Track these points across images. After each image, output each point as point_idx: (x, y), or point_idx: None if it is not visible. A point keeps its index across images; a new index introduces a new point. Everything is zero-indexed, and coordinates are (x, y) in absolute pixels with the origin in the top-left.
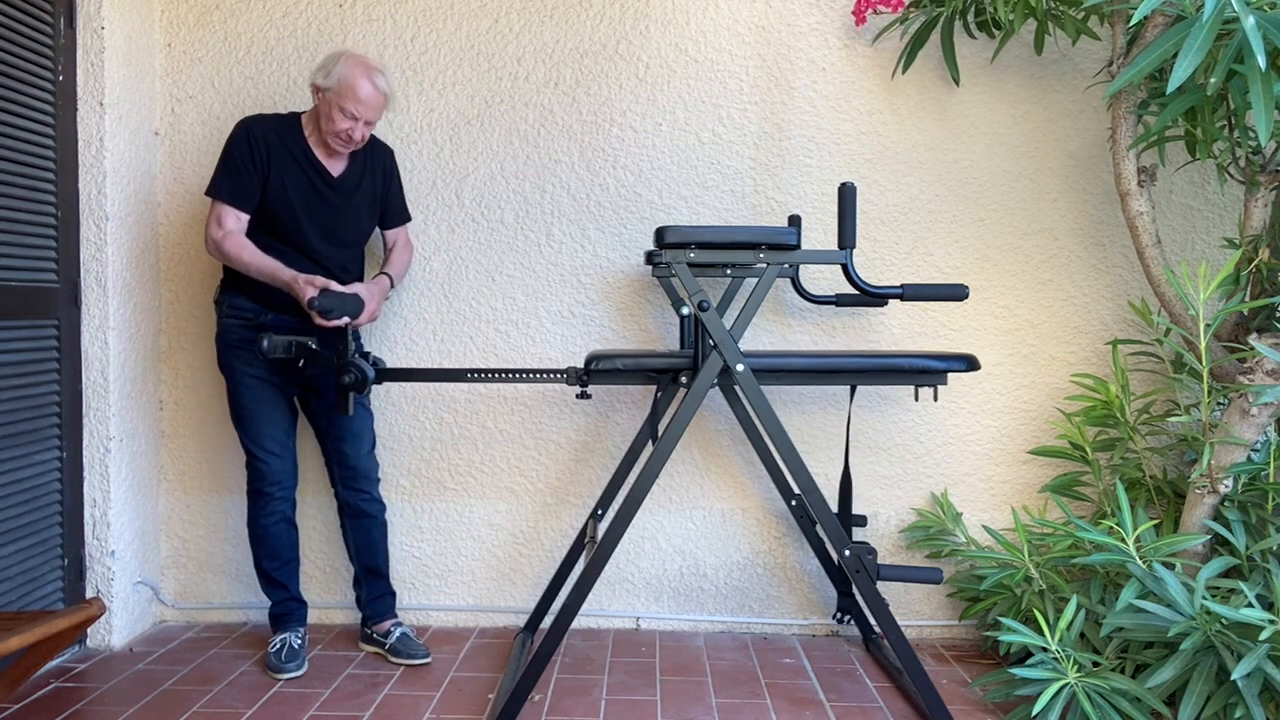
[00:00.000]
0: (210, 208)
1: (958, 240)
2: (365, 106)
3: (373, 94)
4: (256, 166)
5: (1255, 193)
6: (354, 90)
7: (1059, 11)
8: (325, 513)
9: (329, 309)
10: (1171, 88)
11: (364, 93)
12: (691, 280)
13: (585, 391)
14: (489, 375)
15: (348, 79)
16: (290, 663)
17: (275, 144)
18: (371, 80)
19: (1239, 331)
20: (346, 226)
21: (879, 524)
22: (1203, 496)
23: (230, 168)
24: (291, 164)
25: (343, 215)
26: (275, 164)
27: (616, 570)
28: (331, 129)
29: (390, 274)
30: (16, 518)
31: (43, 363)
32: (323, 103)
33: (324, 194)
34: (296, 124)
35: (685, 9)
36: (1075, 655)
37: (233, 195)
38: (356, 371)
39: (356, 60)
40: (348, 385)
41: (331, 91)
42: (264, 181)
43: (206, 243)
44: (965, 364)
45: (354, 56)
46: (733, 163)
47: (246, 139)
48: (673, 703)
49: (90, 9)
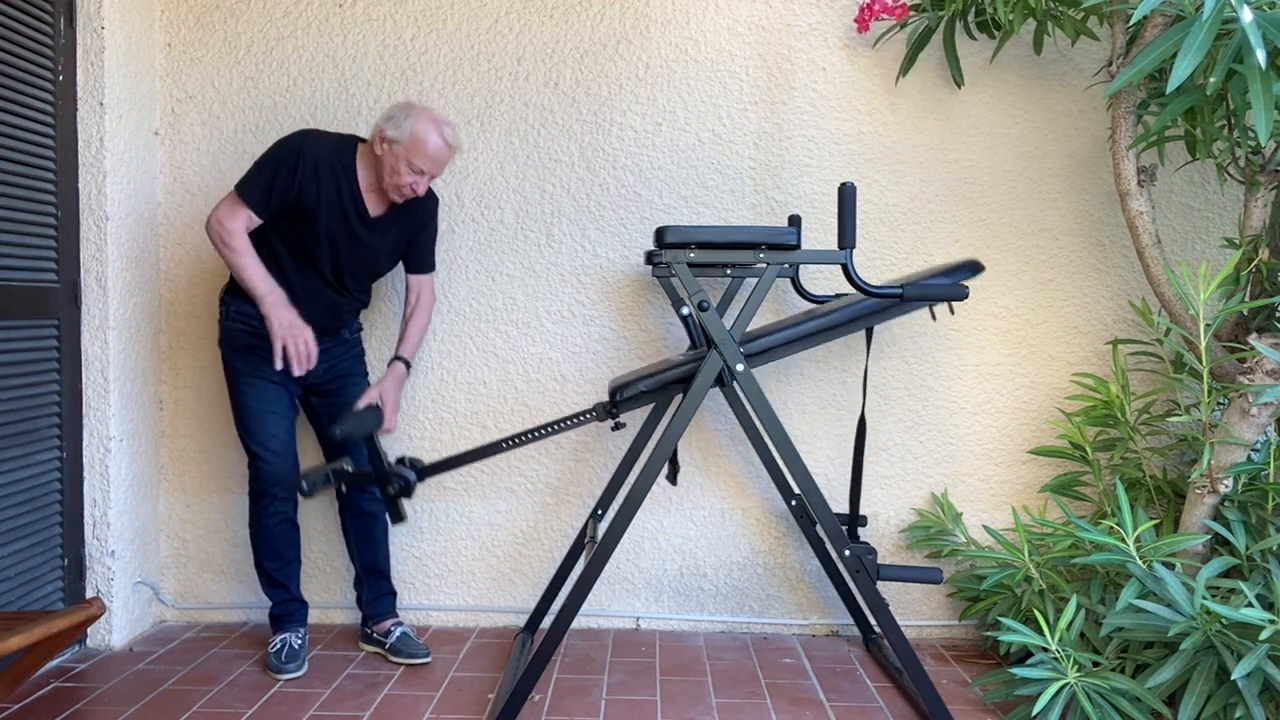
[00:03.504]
0: (229, 196)
1: (958, 240)
2: (433, 162)
3: (442, 149)
4: (295, 186)
5: (1255, 192)
6: (424, 146)
7: (1058, 12)
8: (325, 513)
9: (350, 434)
10: (1171, 88)
11: (433, 147)
12: (691, 280)
13: (619, 423)
14: (523, 438)
15: (419, 134)
16: (290, 663)
17: (324, 169)
18: (442, 135)
19: (1239, 331)
20: (365, 264)
21: (879, 524)
22: (1203, 496)
23: (269, 175)
24: (333, 192)
25: (366, 253)
26: (317, 187)
27: (616, 570)
28: (395, 182)
29: (405, 358)
30: (16, 518)
31: (43, 363)
32: (389, 154)
33: (355, 230)
34: (351, 153)
35: (685, 9)
36: (1075, 655)
37: (258, 202)
38: (399, 480)
39: (427, 115)
40: (395, 495)
41: (400, 145)
42: (297, 200)
43: (209, 224)
44: (970, 270)
45: (424, 111)
46: (733, 163)
47: (297, 157)
48: (673, 703)
49: (90, 9)
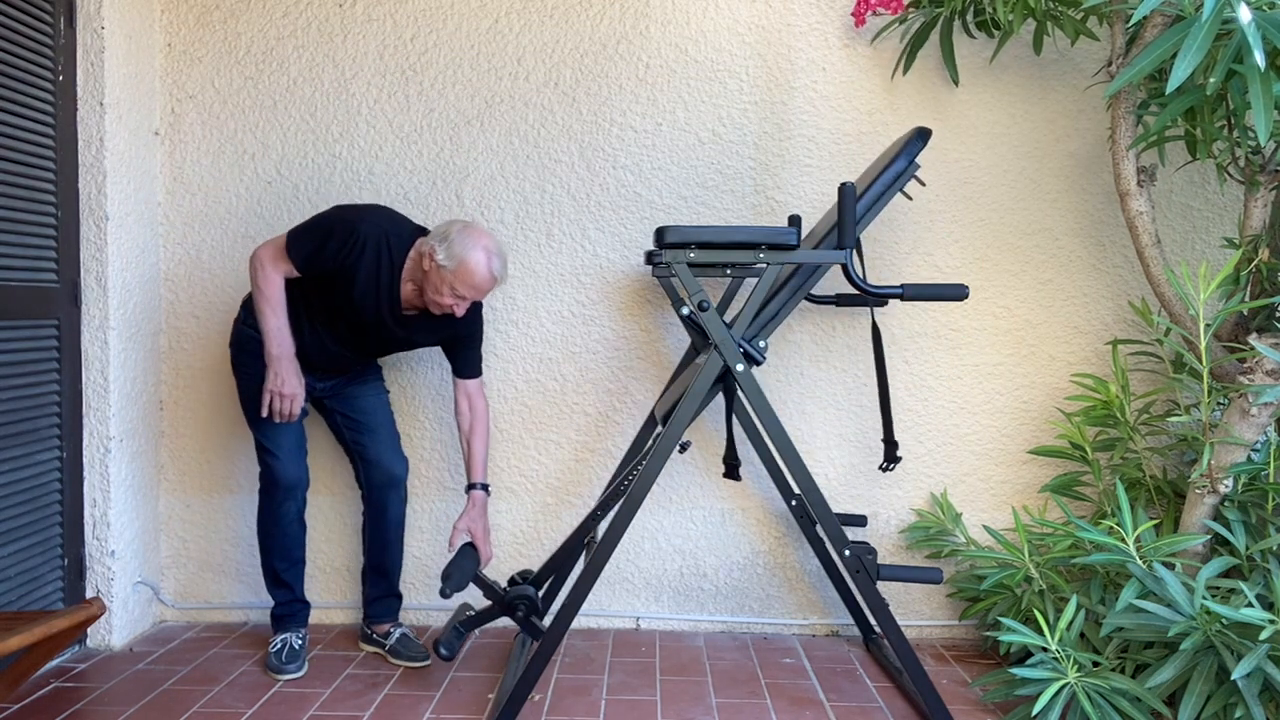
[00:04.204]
0: (282, 242)
1: (958, 240)
2: (477, 290)
3: (487, 281)
4: (338, 262)
5: (1255, 192)
6: (472, 277)
7: (1058, 12)
8: (326, 513)
9: (460, 588)
10: (1171, 88)
11: (479, 279)
12: (691, 280)
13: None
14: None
15: (469, 264)
16: (291, 664)
17: (371, 253)
18: (490, 268)
19: (1239, 331)
20: (387, 346)
21: (879, 524)
22: (1203, 496)
23: (319, 240)
24: (373, 280)
25: (390, 340)
26: (359, 268)
27: (616, 570)
28: (436, 299)
29: (482, 483)
30: (16, 518)
31: (43, 363)
32: (434, 273)
33: (384, 319)
34: (406, 247)
35: (685, 9)
36: (1075, 655)
37: (303, 260)
38: (523, 601)
39: (480, 243)
40: (526, 616)
41: (448, 271)
42: (338, 270)
43: (254, 258)
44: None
45: (478, 237)
46: (733, 163)
47: (349, 235)
48: (673, 703)
49: (90, 9)
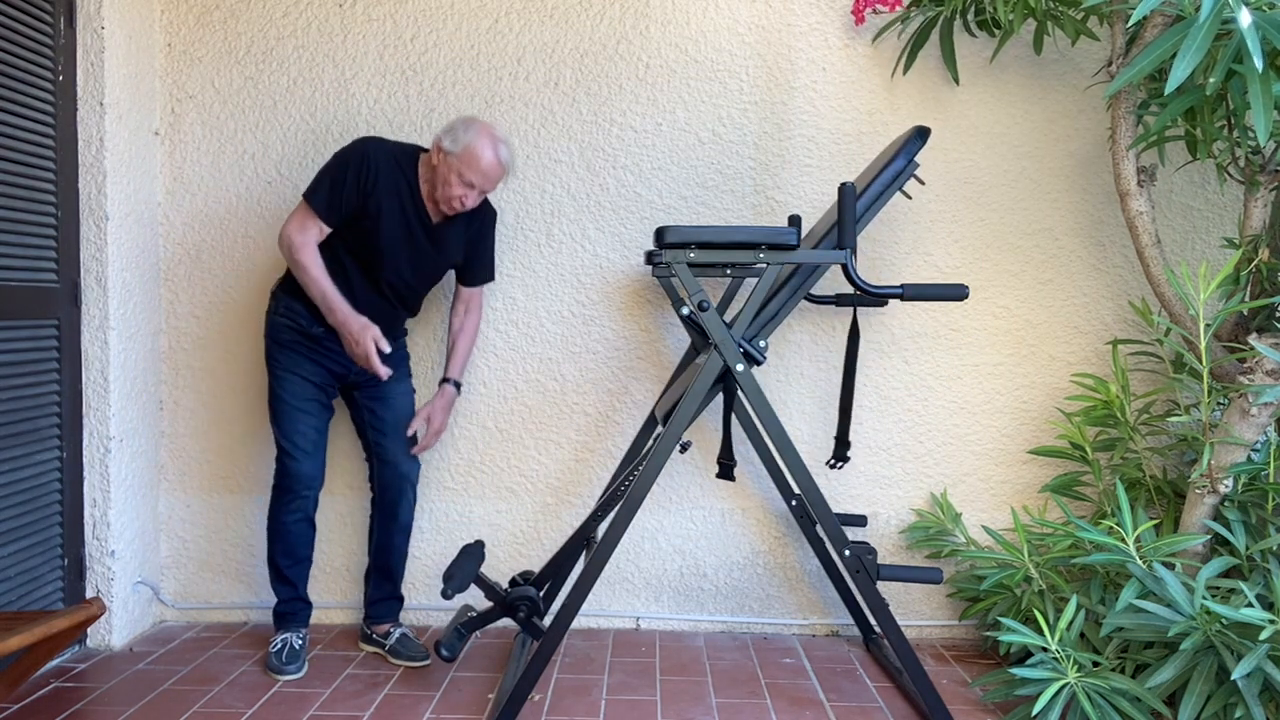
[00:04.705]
0: (300, 206)
1: (958, 240)
2: (484, 177)
3: (494, 165)
4: (360, 191)
5: (1255, 192)
6: (477, 160)
7: (1058, 12)
8: (326, 513)
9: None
10: (1171, 88)
11: (485, 162)
12: (691, 280)
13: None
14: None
15: (473, 148)
16: (291, 664)
17: (386, 175)
18: (496, 151)
19: (1239, 331)
20: (425, 272)
21: (879, 524)
22: (1203, 496)
23: (335, 181)
24: (395, 199)
25: (425, 262)
26: (380, 194)
27: (616, 570)
28: (446, 194)
29: (455, 379)
30: (16, 518)
31: (43, 363)
32: (443, 165)
33: (416, 238)
34: (414, 161)
35: (685, 9)
36: (1075, 655)
37: (326, 208)
38: (525, 602)
39: (485, 130)
40: (528, 617)
41: (454, 157)
42: (361, 205)
43: (281, 237)
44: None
45: (484, 127)
46: (733, 163)
47: (361, 161)
48: (673, 703)
49: (90, 9)
